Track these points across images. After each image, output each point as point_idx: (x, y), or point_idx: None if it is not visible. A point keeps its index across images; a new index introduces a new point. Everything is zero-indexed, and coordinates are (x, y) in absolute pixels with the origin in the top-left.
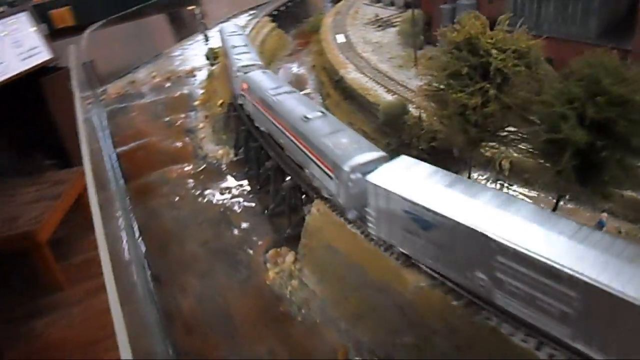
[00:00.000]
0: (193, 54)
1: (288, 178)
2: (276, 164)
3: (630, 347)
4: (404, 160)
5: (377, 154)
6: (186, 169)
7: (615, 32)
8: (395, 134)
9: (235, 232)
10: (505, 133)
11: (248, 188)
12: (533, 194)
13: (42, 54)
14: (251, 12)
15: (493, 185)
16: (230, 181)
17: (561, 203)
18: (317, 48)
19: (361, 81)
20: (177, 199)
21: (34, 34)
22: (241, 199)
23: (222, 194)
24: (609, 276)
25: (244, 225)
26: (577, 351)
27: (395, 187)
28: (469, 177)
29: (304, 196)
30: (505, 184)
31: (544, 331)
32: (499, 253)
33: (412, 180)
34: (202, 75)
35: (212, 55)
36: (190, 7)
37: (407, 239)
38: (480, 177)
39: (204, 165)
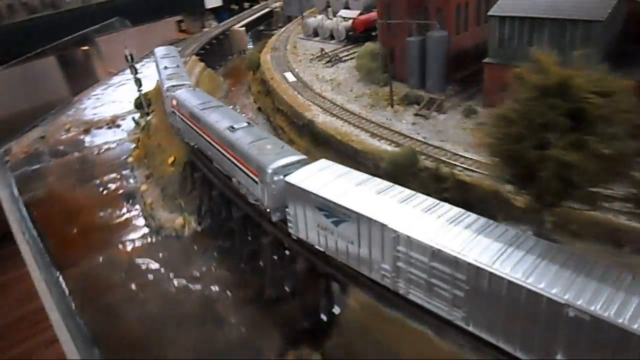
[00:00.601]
0: (110, 99)
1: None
2: (273, 238)
3: (512, 327)
4: (322, 163)
5: (298, 157)
6: (139, 246)
7: (616, 61)
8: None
9: (230, 330)
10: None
11: (229, 267)
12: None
13: None
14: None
15: None
16: (203, 259)
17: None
18: (260, 88)
19: (335, 125)
20: (135, 287)
21: None
22: (223, 284)
23: (195, 277)
24: (490, 258)
25: (238, 319)
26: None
27: (310, 185)
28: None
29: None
30: (551, 239)
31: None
32: (399, 243)
33: (325, 180)
34: (127, 124)
35: (147, 102)
36: (84, 48)
37: (322, 236)
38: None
39: (162, 240)
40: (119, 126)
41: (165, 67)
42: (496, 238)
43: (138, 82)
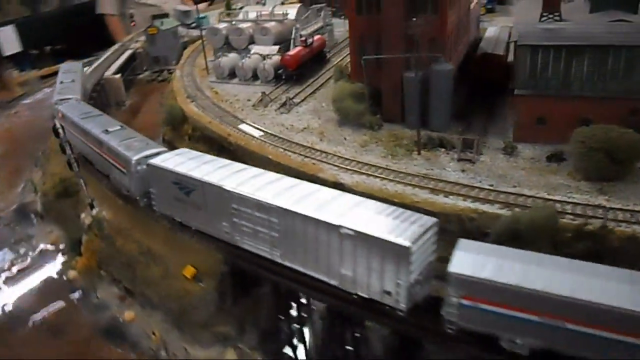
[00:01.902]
0: None
1: None
2: None
3: (309, 254)
4: (180, 150)
5: (159, 149)
6: None
7: None
8: None
9: None
10: None
11: None
12: None
13: None
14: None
15: None
16: None
17: None
18: (204, 148)
19: (375, 185)
20: None
21: None
22: None
23: None
24: (293, 202)
25: None
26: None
27: (167, 164)
28: None
29: None
30: None
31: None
32: (232, 200)
33: (180, 161)
34: (23, 221)
35: (83, 183)
36: None
37: (178, 207)
38: None
39: None
40: (9, 224)
41: (61, 82)
42: (302, 191)
43: (75, 163)
